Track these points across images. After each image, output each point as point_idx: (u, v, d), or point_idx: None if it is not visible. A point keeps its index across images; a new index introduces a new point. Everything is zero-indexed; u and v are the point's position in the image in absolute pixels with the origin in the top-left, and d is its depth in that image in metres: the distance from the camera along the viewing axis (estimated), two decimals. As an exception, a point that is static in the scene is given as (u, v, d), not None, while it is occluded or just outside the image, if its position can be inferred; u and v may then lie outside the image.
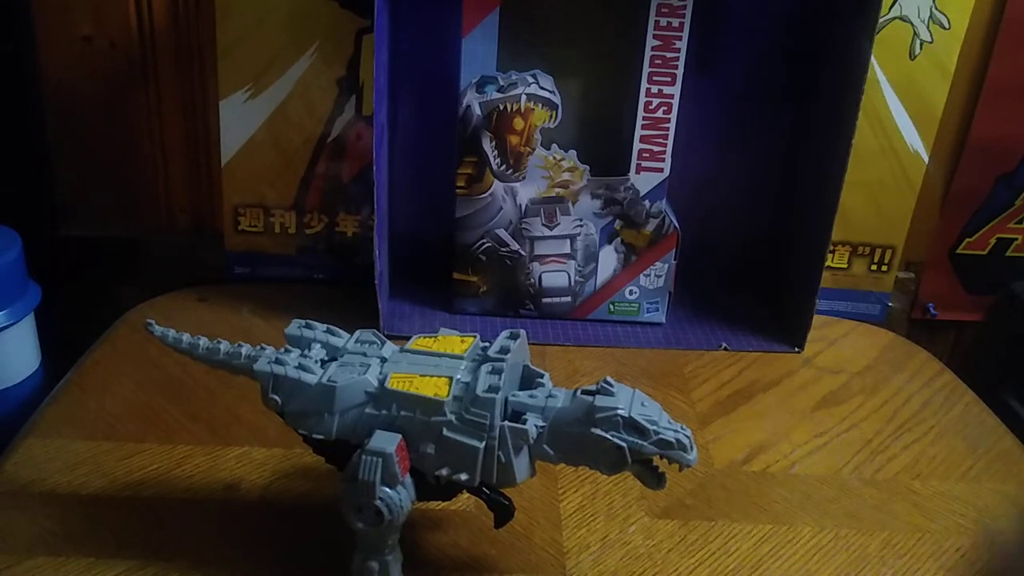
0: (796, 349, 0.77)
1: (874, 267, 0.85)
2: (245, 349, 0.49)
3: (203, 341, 0.51)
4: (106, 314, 0.76)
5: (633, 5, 0.70)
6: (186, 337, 0.51)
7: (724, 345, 0.78)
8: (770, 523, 0.58)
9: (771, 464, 0.64)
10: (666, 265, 0.78)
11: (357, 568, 0.48)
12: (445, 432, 0.45)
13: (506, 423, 0.45)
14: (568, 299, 0.79)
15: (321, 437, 0.47)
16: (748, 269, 0.86)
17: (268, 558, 0.52)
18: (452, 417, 0.45)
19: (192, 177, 0.85)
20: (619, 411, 0.44)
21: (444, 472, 0.46)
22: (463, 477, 0.45)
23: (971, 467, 0.65)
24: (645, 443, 0.44)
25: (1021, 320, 0.88)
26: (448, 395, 0.45)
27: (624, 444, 0.44)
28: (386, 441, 0.45)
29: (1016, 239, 0.88)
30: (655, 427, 0.44)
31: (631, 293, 0.79)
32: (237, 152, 0.80)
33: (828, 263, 0.81)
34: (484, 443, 0.45)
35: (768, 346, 0.78)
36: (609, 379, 0.46)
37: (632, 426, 0.44)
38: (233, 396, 0.65)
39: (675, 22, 0.69)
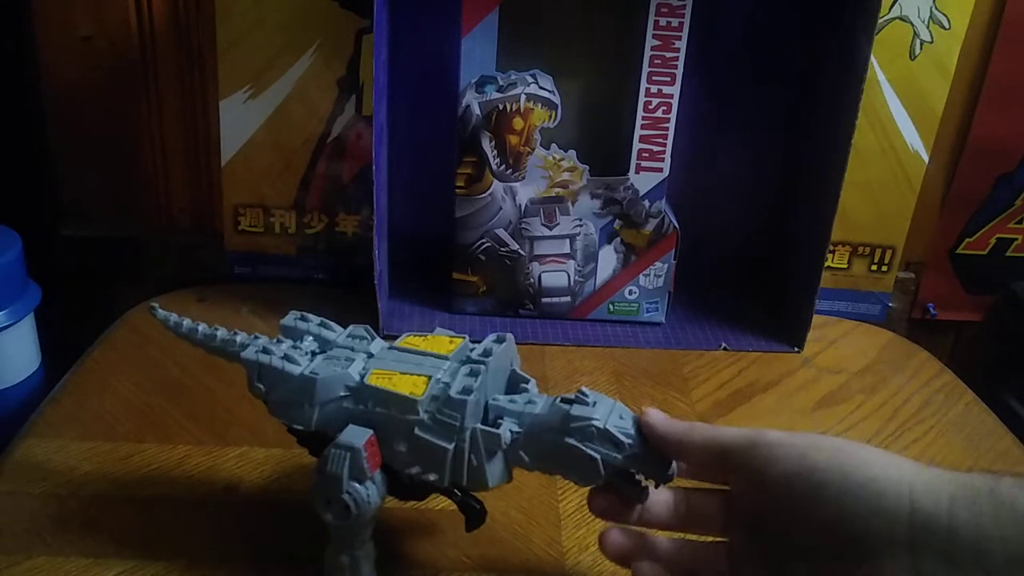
0: (796, 349, 0.77)
1: (874, 267, 0.85)
2: (240, 337, 0.50)
3: (202, 327, 0.52)
4: (106, 314, 0.76)
5: (633, 5, 0.70)
6: (187, 322, 0.52)
7: (724, 345, 0.78)
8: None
9: (771, 464, 0.63)
10: (666, 265, 0.78)
11: (329, 561, 0.48)
12: (416, 431, 0.45)
13: (479, 426, 0.44)
14: (568, 299, 0.79)
15: (301, 428, 0.47)
16: (748, 269, 0.86)
17: (268, 558, 0.52)
18: (425, 416, 0.44)
19: (192, 177, 0.85)
20: (594, 422, 0.43)
21: (414, 471, 0.45)
22: (432, 477, 0.45)
23: (971, 467, 0.64)
24: (619, 456, 0.43)
25: (1021, 320, 0.88)
26: (424, 394, 0.45)
27: (597, 456, 0.43)
28: (356, 436, 0.45)
29: (1016, 239, 0.88)
30: (631, 440, 0.43)
31: (631, 293, 0.79)
32: (237, 152, 0.80)
33: (828, 263, 0.81)
34: (454, 444, 0.44)
35: (768, 346, 0.78)
36: (585, 389, 0.45)
37: (607, 438, 0.43)
38: (233, 396, 0.65)
39: (675, 22, 0.69)
